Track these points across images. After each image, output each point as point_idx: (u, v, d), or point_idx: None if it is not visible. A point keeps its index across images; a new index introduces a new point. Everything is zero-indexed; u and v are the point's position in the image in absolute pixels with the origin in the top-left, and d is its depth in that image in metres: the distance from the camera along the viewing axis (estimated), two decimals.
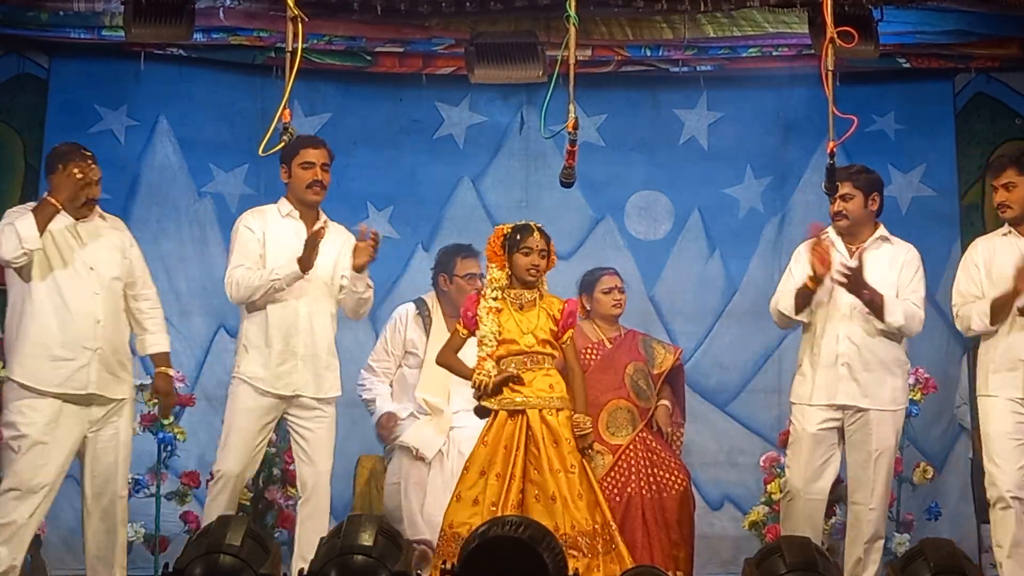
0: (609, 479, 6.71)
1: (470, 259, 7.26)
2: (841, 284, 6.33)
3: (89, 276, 6.19)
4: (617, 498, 6.66)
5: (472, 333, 6.21)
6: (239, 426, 6.42)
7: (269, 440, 6.75)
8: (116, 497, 6.26)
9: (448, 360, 6.31)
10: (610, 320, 7.08)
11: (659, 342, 7.20)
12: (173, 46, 7.72)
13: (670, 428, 7.00)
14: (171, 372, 6.50)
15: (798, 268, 6.46)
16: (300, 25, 5.45)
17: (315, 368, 6.43)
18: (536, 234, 6.18)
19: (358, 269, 6.39)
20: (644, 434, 6.85)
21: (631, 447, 6.80)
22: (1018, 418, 6.17)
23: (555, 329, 6.19)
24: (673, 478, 6.80)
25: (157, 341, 6.44)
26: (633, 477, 6.74)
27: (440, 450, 7.05)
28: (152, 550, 7.43)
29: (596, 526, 6.01)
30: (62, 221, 6.20)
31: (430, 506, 6.87)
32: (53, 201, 6.08)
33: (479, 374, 6.11)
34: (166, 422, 7.40)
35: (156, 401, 7.42)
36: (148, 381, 7.50)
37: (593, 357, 6.94)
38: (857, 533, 6.44)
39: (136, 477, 7.46)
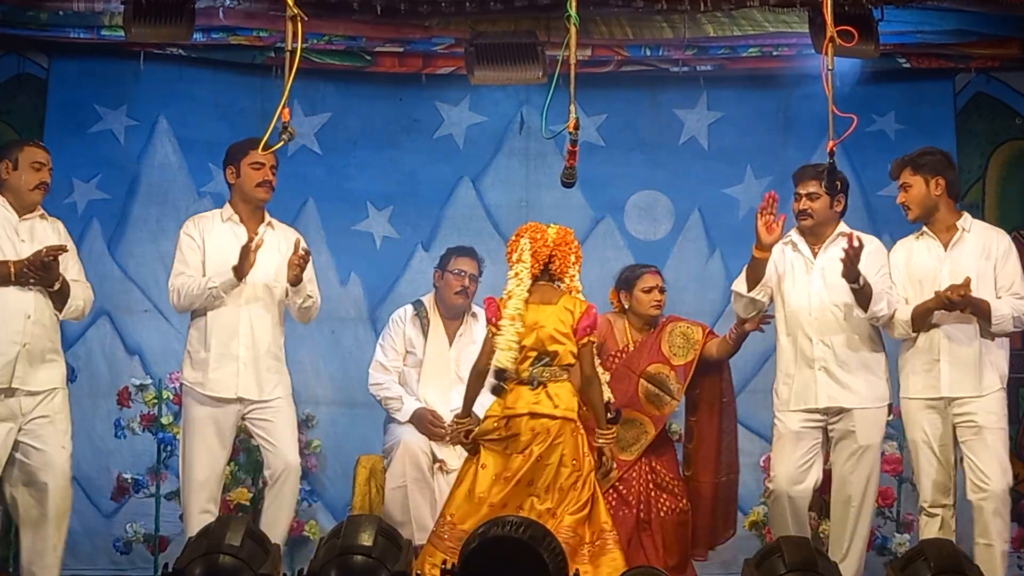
0: (612, 493, 6.63)
1: (464, 257, 7.27)
2: (844, 261, 6.25)
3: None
4: (619, 516, 6.57)
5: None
6: (192, 437, 6.46)
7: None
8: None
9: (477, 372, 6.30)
10: (646, 320, 6.90)
11: (683, 330, 6.91)
12: (173, 46, 7.73)
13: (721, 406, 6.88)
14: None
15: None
16: (300, 25, 5.45)
17: (256, 371, 6.45)
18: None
19: (292, 283, 6.43)
20: (650, 457, 6.75)
21: (636, 468, 6.73)
22: (934, 422, 6.23)
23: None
24: (674, 501, 6.74)
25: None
26: (633, 498, 6.68)
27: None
28: (152, 550, 7.45)
29: (587, 535, 6.05)
30: (5, 217, 6.19)
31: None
32: (12, 269, 6.04)
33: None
34: (165, 421, 7.41)
35: (156, 401, 7.45)
36: (148, 381, 7.54)
37: (611, 365, 6.81)
38: (841, 531, 6.44)
39: (136, 477, 7.49)
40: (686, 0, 6.82)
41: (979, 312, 6.19)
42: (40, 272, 6.10)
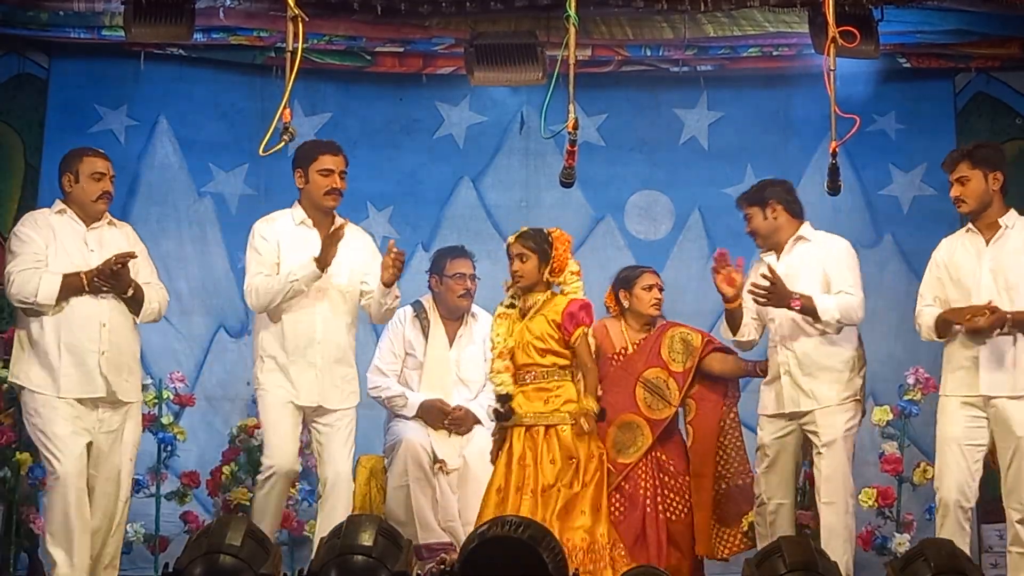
0: (615, 499, 6.58)
1: (460, 259, 7.25)
2: (763, 304, 6.40)
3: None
4: (623, 519, 6.56)
5: None
6: (274, 421, 6.41)
7: None
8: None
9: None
10: (645, 320, 6.83)
11: (683, 335, 6.83)
12: (173, 46, 7.73)
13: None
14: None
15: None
16: (300, 25, 5.46)
17: (332, 379, 6.42)
18: (513, 240, 6.30)
19: (387, 284, 6.37)
20: (656, 453, 6.68)
21: (640, 466, 6.67)
22: (968, 419, 6.15)
23: (557, 335, 6.18)
24: (682, 501, 6.72)
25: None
26: (640, 499, 6.63)
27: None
28: (152, 550, 7.45)
29: (592, 543, 6.06)
30: (73, 228, 6.22)
31: (445, 510, 6.89)
32: (84, 279, 6.09)
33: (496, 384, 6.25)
34: (166, 421, 7.42)
35: (156, 401, 7.45)
36: (148, 381, 7.53)
37: (610, 368, 6.74)
38: (828, 533, 6.39)
39: (136, 477, 7.47)
40: (686, 0, 6.83)
41: (1021, 327, 6.07)
42: (111, 280, 6.12)
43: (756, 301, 6.40)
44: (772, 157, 8.12)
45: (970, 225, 6.27)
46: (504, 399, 6.24)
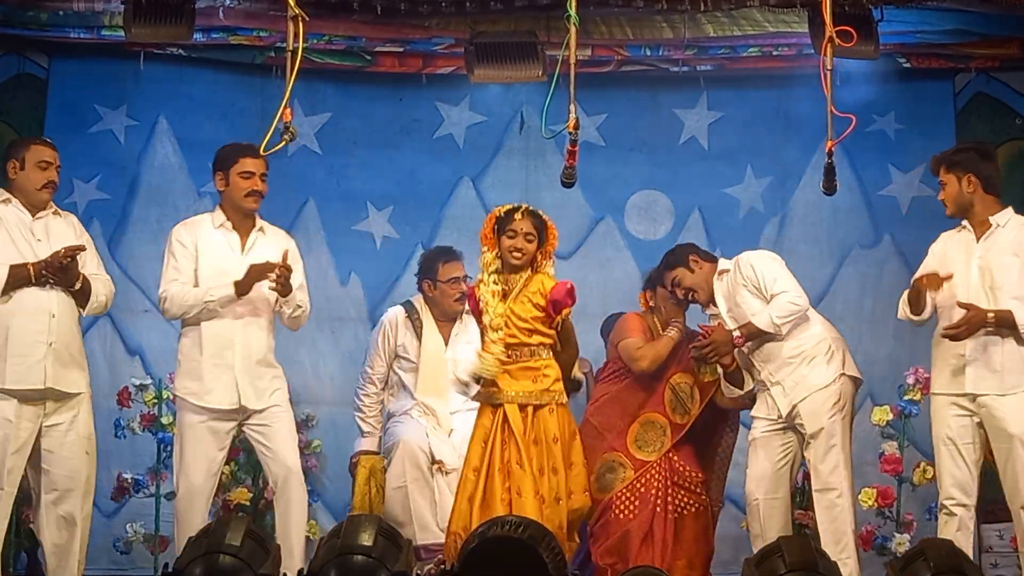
0: (628, 493, 6.66)
1: (452, 263, 7.22)
2: (714, 363, 6.56)
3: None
4: (632, 514, 6.63)
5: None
6: (188, 445, 6.40)
7: None
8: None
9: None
10: (677, 315, 6.89)
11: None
12: (173, 46, 7.72)
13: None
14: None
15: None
16: (300, 24, 5.46)
17: (251, 379, 6.40)
18: (519, 215, 6.17)
19: (281, 295, 6.37)
20: (671, 455, 6.74)
21: (655, 466, 6.73)
22: (959, 419, 6.15)
23: (542, 316, 6.17)
24: (693, 499, 6.75)
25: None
26: (652, 495, 6.66)
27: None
28: (152, 550, 7.45)
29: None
30: (19, 217, 6.20)
31: (443, 511, 6.88)
32: (31, 271, 6.07)
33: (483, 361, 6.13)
34: (166, 421, 7.42)
35: (156, 401, 7.45)
36: (148, 381, 7.54)
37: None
38: (824, 523, 6.41)
39: (136, 477, 7.49)
40: (686, 0, 6.83)
41: (1005, 325, 6.05)
42: (59, 273, 6.12)
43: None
44: (772, 157, 8.12)
45: (964, 223, 6.28)
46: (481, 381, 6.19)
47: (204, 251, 6.45)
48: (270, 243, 6.50)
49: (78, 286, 6.20)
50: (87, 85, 8.00)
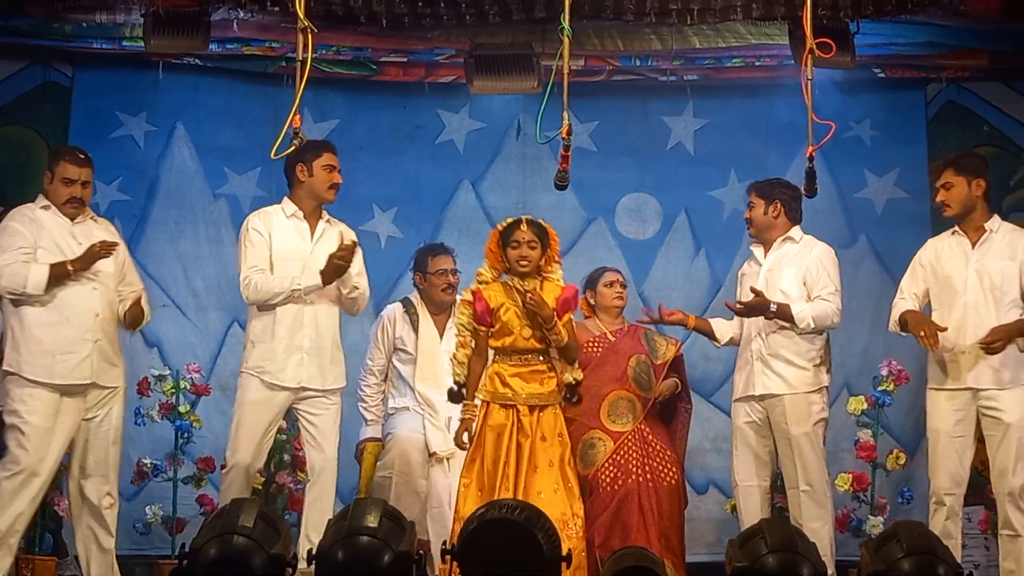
0: (610, 465, 6.68)
1: (441, 256, 7.19)
2: (744, 315, 6.52)
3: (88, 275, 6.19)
4: (619, 484, 6.65)
5: (488, 326, 6.21)
6: (247, 419, 6.38)
7: (280, 428, 6.74)
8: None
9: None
10: (613, 313, 6.97)
11: (660, 335, 7.08)
12: (190, 56, 7.72)
13: (680, 402, 6.95)
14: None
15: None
16: (310, 36, 5.45)
17: (320, 361, 6.38)
18: (523, 226, 6.18)
19: (325, 283, 6.34)
20: (642, 427, 6.78)
21: (630, 437, 6.78)
22: (957, 413, 6.14)
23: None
24: (666, 470, 6.77)
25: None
26: (632, 467, 6.71)
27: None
28: (169, 531, 7.45)
29: (570, 516, 6.07)
30: (58, 222, 6.20)
31: (432, 497, 6.86)
32: (71, 267, 6.08)
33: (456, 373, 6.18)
34: (183, 410, 7.42)
35: (174, 391, 7.45)
36: (166, 372, 7.53)
37: (596, 350, 6.87)
38: (798, 517, 6.40)
39: (155, 462, 7.49)
40: (674, 13, 6.83)
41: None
42: (92, 263, 6.11)
43: (738, 313, 6.50)
44: (754, 162, 8.10)
45: (956, 228, 6.27)
46: (457, 394, 6.22)
47: (277, 238, 6.40)
48: (335, 233, 6.45)
49: (129, 306, 6.23)
50: (109, 93, 8.00)
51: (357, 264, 6.42)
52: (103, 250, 6.09)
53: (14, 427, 6.08)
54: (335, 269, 6.21)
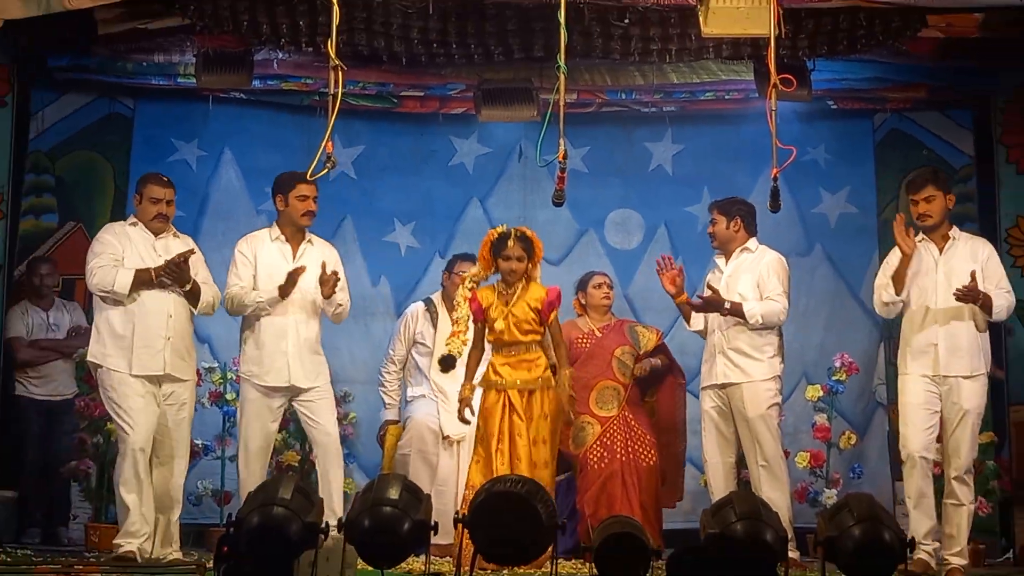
0: (598, 445, 6.76)
1: (466, 262, 7.20)
2: (701, 311, 6.52)
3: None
4: (605, 463, 6.72)
5: (483, 322, 6.25)
6: (249, 417, 6.42)
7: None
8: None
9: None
10: (601, 311, 7.03)
11: (642, 326, 7.14)
12: (236, 90, 7.72)
13: (672, 375, 7.02)
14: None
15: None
16: (340, 73, 5.45)
17: (301, 363, 6.41)
18: (511, 243, 6.20)
19: (325, 298, 6.39)
20: (626, 413, 6.83)
21: (616, 420, 6.81)
22: (928, 392, 6.11)
23: (536, 317, 6.19)
24: (646, 453, 6.82)
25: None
26: (617, 448, 6.76)
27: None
28: (218, 502, 7.45)
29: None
30: (143, 237, 6.23)
31: (439, 475, 6.86)
32: (152, 273, 6.11)
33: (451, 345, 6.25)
34: (229, 398, 7.40)
35: (222, 381, 7.43)
36: (215, 364, 7.53)
37: (585, 345, 6.93)
38: (758, 488, 6.33)
39: (205, 443, 7.49)
40: (654, 53, 6.83)
41: (985, 304, 6.02)
42: (174, 273, 6.13)
43: (696, 308, 6.53)
44: (725, 181, 8.09)
45: (923, 236, 6.21)
46: (450, 359, 6.23)
47: (261, 260, 6.47)
48: (316, 252, 6.51)
49: (189, 287, 6.21)
50: (166, 123, 8.00)
51: (340, 282, 6.41)
52: (181, 257, 6.13)
53: (115, 412, 6.11)
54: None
